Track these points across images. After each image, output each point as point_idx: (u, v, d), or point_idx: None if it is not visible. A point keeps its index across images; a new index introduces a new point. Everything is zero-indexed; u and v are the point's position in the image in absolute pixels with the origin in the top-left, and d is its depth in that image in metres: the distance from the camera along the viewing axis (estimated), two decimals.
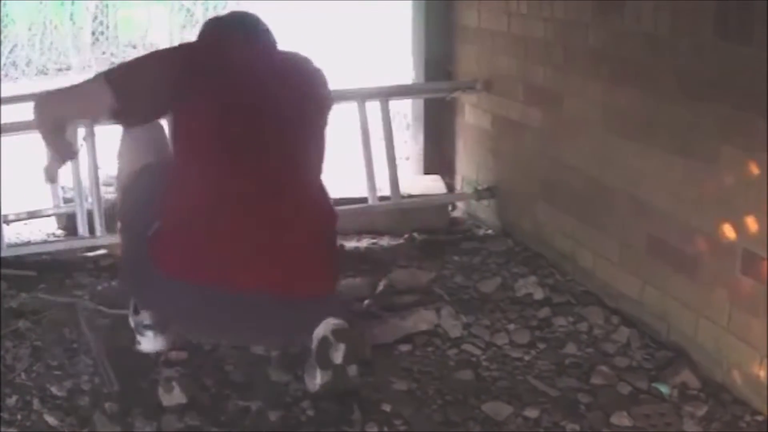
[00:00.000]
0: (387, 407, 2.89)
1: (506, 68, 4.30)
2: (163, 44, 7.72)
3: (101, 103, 2.89)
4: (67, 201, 4.35)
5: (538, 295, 3.67)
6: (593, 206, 3.67)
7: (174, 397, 2.90)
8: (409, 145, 5.38)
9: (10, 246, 4.08)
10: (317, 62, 3.15)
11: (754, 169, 2.77)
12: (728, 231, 2.90)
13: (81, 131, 3.89)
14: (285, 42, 3.19)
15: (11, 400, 2.93)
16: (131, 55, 8.01)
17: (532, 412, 2.86)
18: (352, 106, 4.39)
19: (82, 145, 3.81)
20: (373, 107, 4.40)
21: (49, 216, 4.46)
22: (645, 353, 3.23)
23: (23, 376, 3.08)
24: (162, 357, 3.16)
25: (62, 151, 3.07)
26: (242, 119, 2.89)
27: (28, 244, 4.28)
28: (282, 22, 9.51)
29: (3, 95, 4.37)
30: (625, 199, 3.45)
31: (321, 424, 2.81)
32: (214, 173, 2.86)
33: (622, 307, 3.50)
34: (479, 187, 4.59)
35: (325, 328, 2.82)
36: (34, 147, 3.55)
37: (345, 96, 4.51)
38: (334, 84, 3.20)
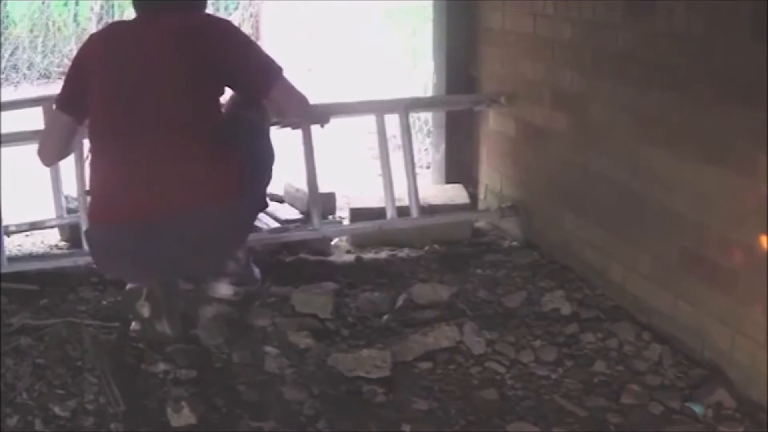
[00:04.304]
0: (407, 427, 2.91)
1: (531, 72, 4.32)
2: None
3: (65, 124, 3.47)
4: (70, 211, 4.34)
5: (566, 310, 3.67)
6: (623, 217, 3.68)
7: (183, 417, 2.92)
8: (431, 153, 5.39)
9: (11, 259, 4.11)
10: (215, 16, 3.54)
11: None
12: (765, 243, 2.90)
13: (86, 143, 3.92)
14: (294, 44, 3.26)
15: (12, 421, 2.95)
16: None
17: None
18: (370, 119, 4.43)
19: (87, 156, 3.84)
20: (393, 119, 4.43)
21: (51, 227, 4.48)
22: (678, 371, 3.23)
23: (24, 395, 3.09)
24: (170, 375, 3.19)
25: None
26: (115, 82, 3.29)
27: (29, 256, 4.32)
28: (299, 26, 9.62)
29: (3, 100, 4.40)
30: (656, 209, 3.45)
31: None
32: (102, 130, 3.32)
33: (653, 323, 3.51)
34: (503, 205, 4.59)
35: None
36: (34, 156, 3.58)
37: (363, 109, 4.55)
38: (353, 96, 3.26)
